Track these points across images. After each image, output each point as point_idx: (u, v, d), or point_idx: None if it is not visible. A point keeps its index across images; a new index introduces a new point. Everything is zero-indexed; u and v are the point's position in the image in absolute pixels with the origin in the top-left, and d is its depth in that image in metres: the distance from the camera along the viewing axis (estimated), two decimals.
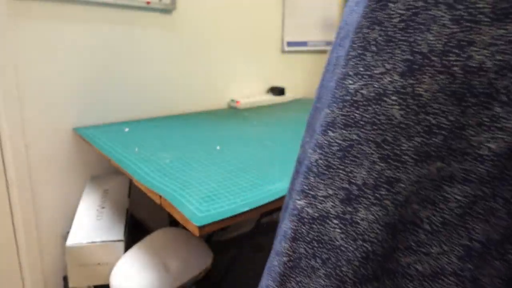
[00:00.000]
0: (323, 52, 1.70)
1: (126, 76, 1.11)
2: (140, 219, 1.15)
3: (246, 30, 1.37)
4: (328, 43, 1.68)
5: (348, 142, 0.24)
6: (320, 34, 1.62)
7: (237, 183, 0.73)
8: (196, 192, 0.68)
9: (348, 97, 0.24)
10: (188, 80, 1.26)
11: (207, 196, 0.67)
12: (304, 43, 1.58)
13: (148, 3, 1.07)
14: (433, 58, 0.21)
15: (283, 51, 1.52)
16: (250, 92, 1.46)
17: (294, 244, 0.26)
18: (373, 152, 0.23)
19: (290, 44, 1.52)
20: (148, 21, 1.11)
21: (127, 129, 0.84)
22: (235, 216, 0.62)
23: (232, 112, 1.31)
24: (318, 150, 0.25)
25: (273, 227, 0.97)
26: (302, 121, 1.21)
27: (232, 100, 1.37)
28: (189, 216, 0.60)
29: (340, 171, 0.24)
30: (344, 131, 0.24)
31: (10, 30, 0.89)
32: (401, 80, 0.22)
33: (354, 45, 0.24)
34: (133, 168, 0.78)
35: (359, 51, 0.24)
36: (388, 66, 0.23)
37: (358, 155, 0.23)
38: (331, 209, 0.24)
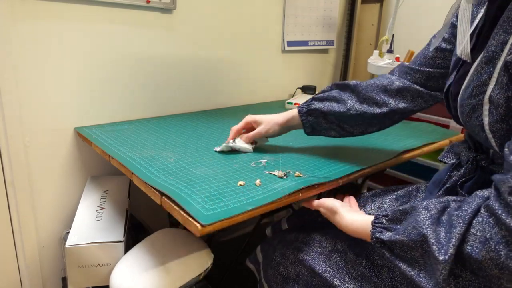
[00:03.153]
0: (323, 51, 1.70)
1: (126, 75, 1.11)
2: (140, 220, 1.14)
3: (246, 30, 1.37)
4: (328, 43, 1.67)
5: None
6: (320, 33, 1.62)
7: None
8: (201, 190, 0.68)
9: None
10: (188, 80, 1.25)
11: (212, 195, 0.66)
12: (304, 43, 1.57)
13: (148, 2, 1.06)
14: None
15: (283, 51, 1.52)
16: (252, 92, 1.46)
17: None
18: None
19: (290, 43, 1.51)
20: (148, 21, 1.11)
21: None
22: (240, 214, 0.61)
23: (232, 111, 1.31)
24: None
25: (273, 228, 0.97)
26: None
27: (289, 103, 1.38)
28: (195, 215, 0.59)
29: None
30: None
31: (10, 30, 0.89)
32: None
33: None
34: (136, 167, 0.77)
35: None
36: None
37: None
38: None
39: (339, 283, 0.65)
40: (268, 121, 0.86)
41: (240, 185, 0.71)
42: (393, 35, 1.34)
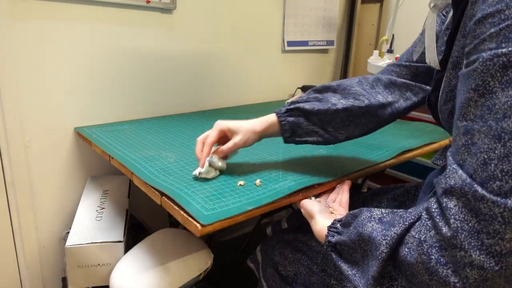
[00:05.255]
0: (323, 51, 1.70)
1: (126, 75, 1.11)
2: (140, 220, 1.14)
3: (246, 30, 1.37)
4: (328, 43, 1.67)
5: None
6: (320, 33, 1.62)
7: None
8: (201, 190, 0.68)
9: None
10: (188, 79, 1.26)
11: (212, 195, 0.66)
12: (304, 43, 1.57)
13: (148, 2, 1.06)
14: None
15: (283, 51, 1.52)
16: (252, 92, 1.46)
17: None
18: None
19: (290, 43, 1.52)
20: (148, 21, 1.11)
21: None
22: (240, 214, 0.61)
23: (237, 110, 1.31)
24: None
25: (273, 227, 0.97)
26: None
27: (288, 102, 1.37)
28: (195, 215, 0.59)
29: None
30: None
31: (10, 30, 0.89)
32: None
33: None
34: (136, 167, 0.77)
35: None
36: None
37: None
38: None
39: (336, 282, 0.65)
40: (245, 129, 0.72)
41: (240, 185, 0.71)
42: (393, 35, 1.33)
